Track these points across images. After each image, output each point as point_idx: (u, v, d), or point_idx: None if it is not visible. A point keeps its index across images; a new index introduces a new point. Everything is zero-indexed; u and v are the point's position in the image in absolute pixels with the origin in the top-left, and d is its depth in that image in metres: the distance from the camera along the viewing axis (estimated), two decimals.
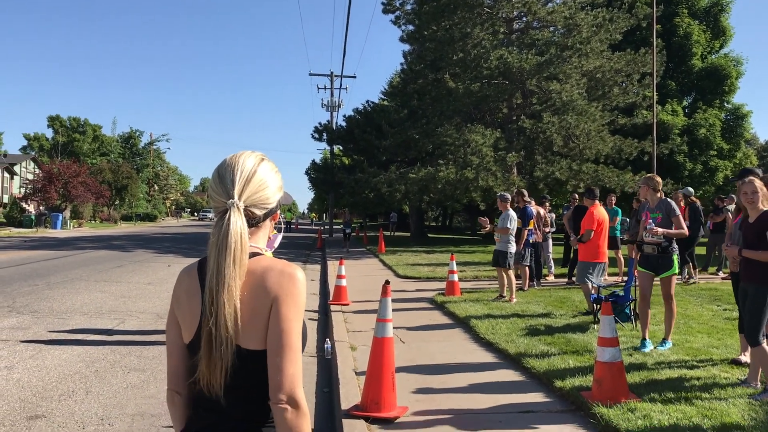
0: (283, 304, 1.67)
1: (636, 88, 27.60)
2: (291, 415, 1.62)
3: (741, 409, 4.90)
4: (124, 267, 17.57)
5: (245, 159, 1.82)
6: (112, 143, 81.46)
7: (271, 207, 1.84)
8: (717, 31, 36.62)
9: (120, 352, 7.56)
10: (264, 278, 1.70)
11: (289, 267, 1.73)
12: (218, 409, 1.72)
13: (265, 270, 1.71)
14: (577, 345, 7.40)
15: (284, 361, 1.63)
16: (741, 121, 36.73)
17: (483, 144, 23.93)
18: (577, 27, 24.67)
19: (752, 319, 5.25)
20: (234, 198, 1.75)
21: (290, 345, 1.65)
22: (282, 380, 1.62)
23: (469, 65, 25.03)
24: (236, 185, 1.77)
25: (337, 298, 11.37)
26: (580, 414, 5.14)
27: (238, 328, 1.65)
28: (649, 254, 7.23)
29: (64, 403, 5.60)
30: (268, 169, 1.85)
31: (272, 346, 1.65)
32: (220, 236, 1.69)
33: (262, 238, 1.87)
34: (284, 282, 1.69)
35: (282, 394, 1.61)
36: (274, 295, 1.67)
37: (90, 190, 49.50)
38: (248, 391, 1.70)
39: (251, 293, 1.68)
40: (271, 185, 1.84)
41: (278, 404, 1.62)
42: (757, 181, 5.38)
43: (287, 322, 1.66)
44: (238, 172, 1.78)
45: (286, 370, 1.63)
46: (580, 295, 11.32)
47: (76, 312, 10.24)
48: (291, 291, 1.69)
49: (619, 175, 25.51)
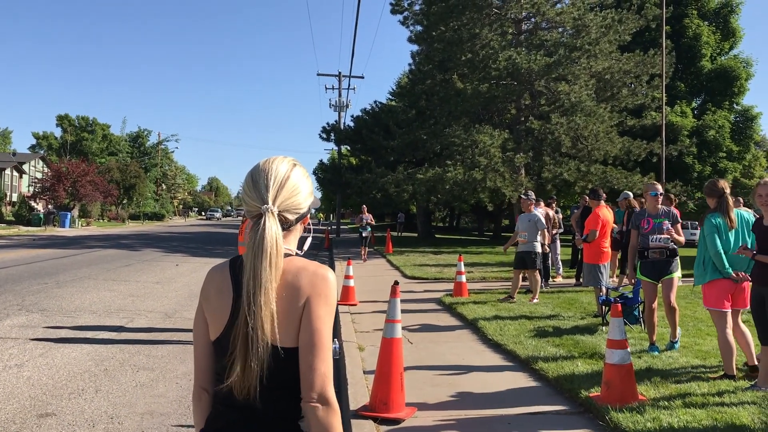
0: (315, 304, 1.71)
1: (645, 90, 27.54)
2: (323, 413, 1.64)
3: (751, 413, 4.88)
4: (132, 266, 17.63)
5: (278, 165, 1.86)
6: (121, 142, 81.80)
7: (302, 212, 1.89)
8: (727, 32, 36.49)
9: (129, 351, 7.59)
10: (297, 279, 1.73)
11: (321, 268, 1.77)
12: (246, 407, 1.73)
13: (298, 270, 1.75)
14: (586, 347, 7.38)
15: (316, 360, 1.66)
16: (751, 123, 36.60)
17: (491, 145, 23.90)
18: (585, 28, 24.62)
19: None
20: (269, 203, 1.79)
21: (322, 344, 1.68)
22: (314, 378, 1.65)
23: (478, 66, 25.01)
24: (270, 191, 1.80)
25: (345, 298, 11.37)
26: (590, 416, 5.13)
27: (275, 329, 1.69)
28: (656, 260, 7.15)
29: (74, 401, 5.62)
30: (300, 175, 1.88)
31: (304, 344, 1.68)
32: (257, 240, 1.73)
33: (293, 241, 1.90)
34: (317, 282, 1.73)
35: (314, 393, 1.64)
36: (307, 295, 1.71)
37: (98, 189, 49.72)
38: (280, 389, 1.73)
39: (284, 293, 1.72)
40: (303, 191, 1.88)
41: (310, 402, 1.64)
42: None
43: (319, 321, 1.70)
44: (272, 178, 1.82)
45: (318, 369, 1.66)
46: (588, 297, 11.30)
47: (85, 311, 10.28)
48: (323, 291, 1.72)
49: (628, 177, 25.44)
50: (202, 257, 21.63)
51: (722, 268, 5.84)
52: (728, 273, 5.81)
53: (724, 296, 5.91)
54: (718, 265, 5.84)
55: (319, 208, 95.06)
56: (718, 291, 5.94)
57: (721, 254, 5.85)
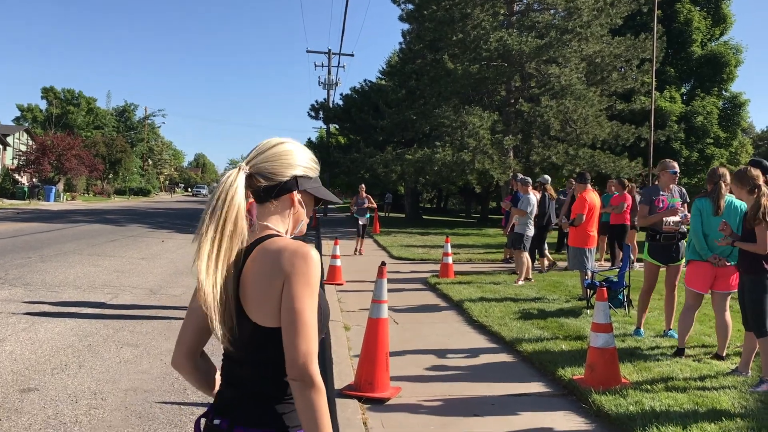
0: (295, 283, 1.69)
1: (635, 74, 27.49)
2: (305, 391, 1.65)
3: (731, 397, 4.93)
4: (118, 241, 17.53)
5: (272, 139, 1.91)
6: (107, 116, 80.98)
7: (277, 179, 1.84)
8: (717, 18, 36.43)
9: (113, 327, 7.55)
10: (278, 258, 1.72)
11: (302, 247, 1.74)
12: (239, 379, 1.79)
13: (279, 250, 1.73)
14: (570, 330, 7.42)
15: (297, 338, 1.66)
16: (738, 110, 36.67)
17: (480, 126, 23.82)
18: (577, 10, 24.49)
19: (755, 309, 5.26)
20: (243, 161, 1.85)
21: (302, 322, 1.67)
22: (296, 356, 1.65)
23: (469, 46, 24.85)
24: (251, 154, 1.86)
25: (332, 277, 11.37)
26: (573, 399, 5.16)
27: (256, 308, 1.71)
28: (667, 244, 7.06)
29: (57, 376, 5.59)
30: (288, 148, 1.89)
31: (285, 323, 1.68)
32: (218, 187, 1.79)
33: (279, 221, 1.87)
34: (296, 261, 1.71)
35: (296, 371, 1.65)
36: (286, 274, 1.70)
37: (84, 163, 49.28)
38: (266, 367, 1.75)
39: (266, 272, 1.72)
40: (284, 160, 1.86)
41: (293, 380, 1.66)
42: (755, 171, 5.37)
43: (298, 300, 1.68)
44: (261, 145, 1.88)
45: (299, 347, 1.65)
46: (573, 280, 11.36)
47: (69, 285, 10.22)
48: (302, 270, 1.70)
49: (616, 161, 25.47)
50: (188, 234, 21.51)
51: (701, 250, 6.04)
52: (706, 255, 6.01)
53: (702, 278, 6.07)
54: (697, 247, 6.06)
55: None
56: (696, 272, 6.16)
57: (700, 236, 6.05)
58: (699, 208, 6.12)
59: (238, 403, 1.78)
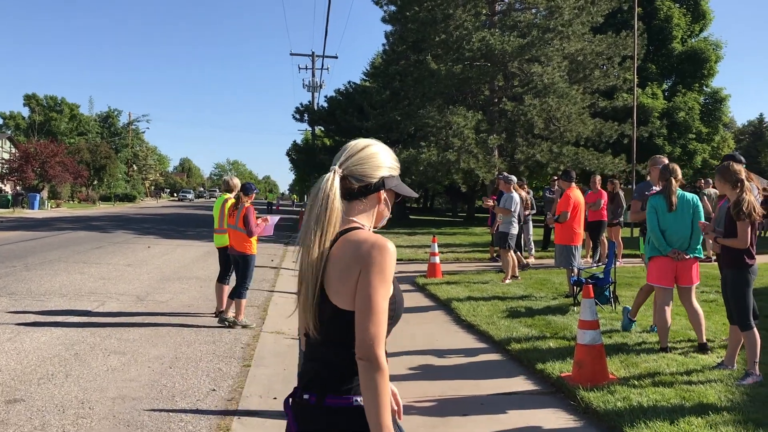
0: (370, 271, 1.87)
1: (616, 71, 27.66)
2: (369, 371, 1.82)
3: (718, 391, 4.98)
4: (104, 248, 17.41)
5: (360, 142, 2.10)
6: (90, 123, 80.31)
7: (368, 180, 2.03)
8: (697, 14, 36.76)
9: (100, 335, 7.50)
10: (358, 248, 1.91)
11: (380, 239, 1.92)
12: (323, 358, 1.97)
13: (360, 241, 1.92)
14: (557, 327, 7.46)
15: (368, 322, 1.84)
16: (719, 105, 37.03)
17: (465, 126, 23.89)
18: (558, 9, 24.63)
19: (737, 303, 5.32)
20: (335, 165, 2.02)
21: (373, 308, 1.84)
22: (365, 338, 1.83)
23: (452, 47, 24.93)
24: (342, 157, 2.04)
25: None
26: (561, 396, 5.20)
27: (318, 274, 1.92)
28: None
29: (43, 386, 5.55)
30: (375, 150, 2.08)
31: (358, 308, 1.86)
32: (317, 191, 1.97)
33: (365, 217, 2.07)
34: (373, 252, 1.88)
35: (363, 351, 1.82)
36: (363, 263, 1.88)
37: (68, 170, 48.89)
38: (343, 345, 1.92)
39: (346, 260, 1.91)
40: (373, 162, 2.05)
41: (360, 359, 1.83)
42: (736, 166, 5.43)
43: (372, 288, 1.85)
44: (349, 148, 2.07)
45: (369, 330, 1.83)
46: (560, 278, 11.42)
47: (54, 294, 10.14)
48: (378, 260, 1.88)
49: (599, 158, 25.62)
50: (174, 239, 21.42)
51: (660, 246, 6.19)
52: (666, 250, 6.16)
53: (664, 273, 6.19)
54: (656, 244, 6.23)
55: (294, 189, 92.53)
56: (658, 267, 6.28)
57: (657, 233, 6.21)
58: (654, 205, 6.29)
59: (323, 377, 1.95)
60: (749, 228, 5.17)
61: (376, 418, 1.82)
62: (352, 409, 1.91)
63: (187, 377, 5.97)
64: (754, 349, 5.26)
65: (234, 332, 7.94)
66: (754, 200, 5.21)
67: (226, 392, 5.59)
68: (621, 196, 14.71)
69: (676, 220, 6.15)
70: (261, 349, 7.14)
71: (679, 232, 6.15)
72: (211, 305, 9.40)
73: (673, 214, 6.14)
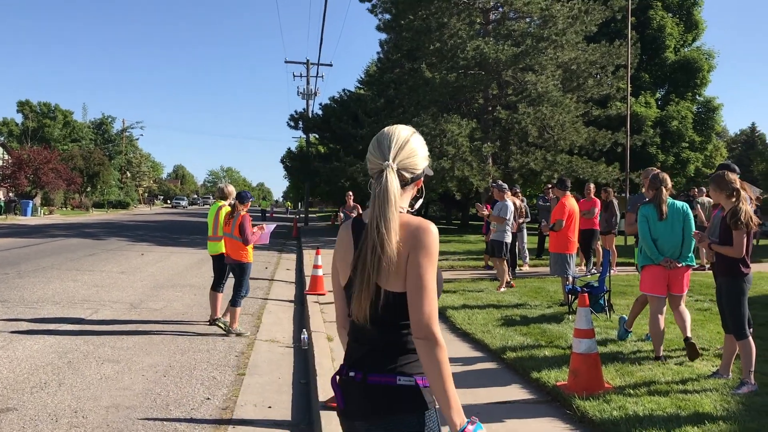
0: (419, 253, 1.98)
1: (610, 80, 27.76)
2: (429, 347, 1.92)
3: (714, 400, 4.98)
4: (97, 255, 17.34)
5: (401, 130, 2.16)
6: (84, 129, 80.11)
7: (418, 173, 2.16)
8: (690, 24, 36.95)
9: (93, 343, 7.46)
10: (405, 230, 2.01)
11: (425, 222, 2.04)
12: (369, 339, 2.08)
13: (404, 224, 2.02)
14: (553, 336, 7.46)
15: (422, 301, 1.94)
16: (712, 114, 37.19)
17: (459, 134, 23.91)
18: (553, 18, 24.70)
19: (733, 311, 5.33)
20: (389, 160, 2.08)
21: (426, 287, 1.95)
22: (420, 317, 1.93)
23: (446, 55, 24.98)
24: (392, 150, 2.10)
25: (314, 287, 11.34)
26: (557, 405, 5.18)
27: (378, 265, 1.97)
28: None
29: (36, 395, 5.51)
30: (418, 141, 2.17)
31: (411, 288, 1.96)
32: (380, 191, 2.03)
33: (406, 200, 2.18)
34: (419, 234, 2.00)
35: (420, 330, 1.92)
36: (411, 245, 1.98)
37: (61, 177, 48.79)
38: (391, 326, 2.03)
39: None
40: (419, 154, 2.16)
41: (418, 338, 1.93)
42: (731, 175, 5.45)
43: (422, 268, 1.96)
44: (394, 140, 2.12)
45: (424, 309, 1.93)
46: (555, 286, 11.42)
47: (47, 301, 10.09)
48: (425, 242, 2.00)
49: (593, 167, 25.68)
50: (167, 246, 21.36)
51: (652, 255, 6.23)
52: (658, 259, 6.19)
53: (657, 282, 6.23)
54: (648, 252, 6.26)
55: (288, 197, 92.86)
56: (651, 276, 6.31)
57: (649, 242, 6.25)
58: (645, 214, 6.33)
59: (368, 357, 2.07)
60: (745, 237, 5.18)
61: (443, 393, 1.94)
62: (396, 387, 2.02)
63: (181, 386, 5.94)
64: (750, 358, 5.27)
65: (228, 340, 7.91)
66: (750, 210, 5.23)
67: (220, 401, 5.57)
68: (615, 204, 14.73)
69: (667, 228, 6.19)
70: (255, 357, 7.12)
71: (670, 241, 6.19)
72: (205, 313, 9.37)
73: (663, 223, 6.19)
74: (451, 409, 1.95)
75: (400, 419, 2.01)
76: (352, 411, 2.09)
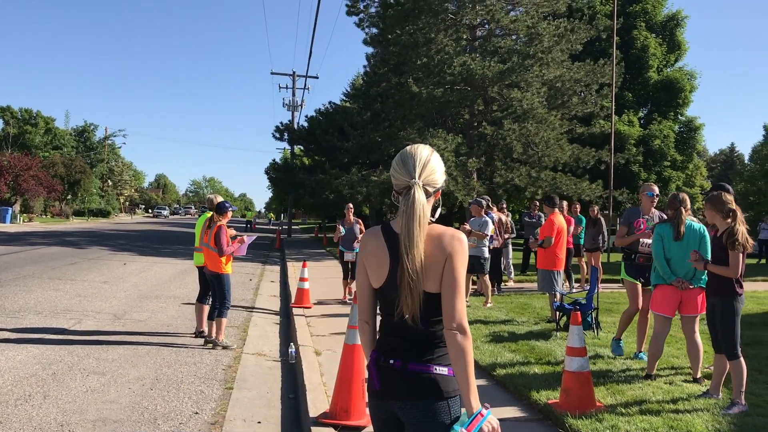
0: (456, 259, 2.29)
1: (594, 98, 28.03)
2: (460, 339, 2.23)
3: (705, 420, 4.99)
4: (79, 264, 17.14)
5: (422, 150, 2.45)
6: (66, 136, 79.38)
7: (438, 186, 2.45)
8: (672, 44, 37.49)
9: (78, 354, 7.35)
10: (440, 240, 2.32)
11: (456, 232, 2.35)
12: (408, 333, 2.36)
13: (440, 234, 2.33)
14: (542, 353, 7.45)
15: (455, 300, 2.26)
16: (693, 134, 37.67)
17: (445, 149, 23.97)
18: (539, 36, 24.91)
19: (725, 331, 5.35)
20: (416, 178, 2.36)
21: (460, 288, 2.28)
22: (454, 313, 2.25)
23: (433, 70, 25.08)
24: (417, 168, 2.38)
25: (299, 301, 11.27)
26: (549, 423, 5.17)
27: (423, 273, 2.26)
28: (641, 264, 7.22)
29: (20, 407, 5.41)
30: (437, 159, 2.46)
31: (447, 289, 2.28)
32: (408, 206, 2.31)
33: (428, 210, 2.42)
34: (455, 243, 2.31)
35: (454, 323, 2.24)
36: (448, 253, 2.29)
37: (41, 184, 48.29)
38: (431, 322, 2.33)
39: (433, 251, 2.30)
40: (439, 171, 2.45)
41: (451, 330, 2.24)
42: (728, 196, 5.49)
43: (457, 271, 2.29)
44: (418, 159, 2.40)
45: (458, 307, 2.26)
46: (541, 302, 11.45)
47: (29, 311, 9.93)
48: (460, 249, 2.31)
49: (577, 183, 25.86)
50: (150, 256, 21.16)
51: (664, 274, 6.20)
52: (670, 279, 6.17)
53: (667, 302, 6.19)
54: (661, 272, 6.21)
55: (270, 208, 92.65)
56: (662, 296, 6.28)
57: (662, 261, 6.23)
58: (660, 233, 6.30)
59: (406, 348, 2.36)
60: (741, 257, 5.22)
61: (466, 378, 2.23)
62: (431, 375, 2.31)
63: (168, 399, 5.85)
64: (741, 379, 5.29)
65: (215, 353, 7.83)
66: (745, 230, 5.28)
67: (209, 415, 5.49)
68: (602, 221, 14.82)
69: (682, 249, 6.08)
70: (243, 371, 7.04)
71: (684, 262, 6.08)
72: (190, 325, 9.28)
73: (679, 243, 6.11)
74: (471, 393, 2.24)
75: (432, 402, 2.30)
76: (388, 392, 2.39)
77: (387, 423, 2.47)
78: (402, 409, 2.36)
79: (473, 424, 2.22)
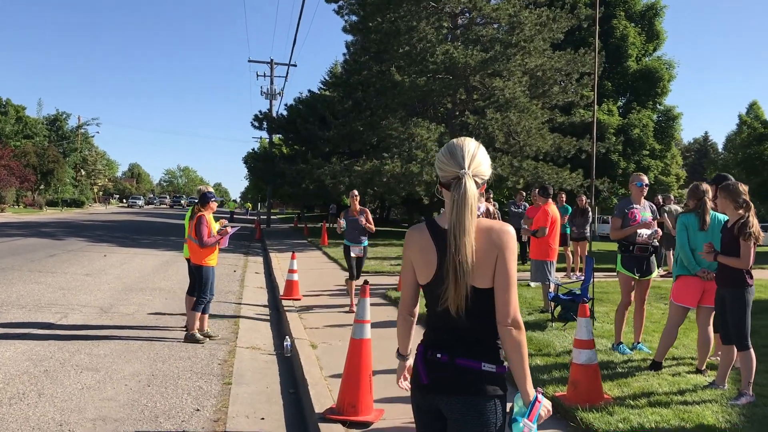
0: (507, 255, 2.28)
1: (574, 87, 28.10)
2: (516, 333, 2.25)
3: (714, 411, 4.97)
4: (58, 256, 16.81)
5: (469, 142, 2.41)
6: (37, 125, 77.88)
7: (485, 179, 2.40)
8: (651, 34, 37.76)
9: (68, 350, 7.16)
10: (489, 234, 2.29)
11: (506, 226, 2.33)
12: (456, 328, 2.34)
13: (489, 228, 2.31)
14: (540, 344, 7.41)
15: (510, 295, 2.26)
16: (672, 123, 38.02)
17: (428, 138, 23.92)
18: (520, 25, 24.87)
19: (737, 323, 5.32)
20: (465, 169, 2.32)
21: (513, 283, 2.28)
22: (509, 309, 2.25)
23: (415, 59, 24.94)
24: (466, 160, 2.34)
25: (289, 293, 11.14)
26: (557, 416, 5.11)
27: (473, 265, 2.23)
28: (639, 255, 7.12)
29: (15, 407, 5.23)
30: (483, 151, 2.43)
31: (501, 284, 2.27)
32: (460, 196, 2.27)
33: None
34: (504, 237, 2.30)
35: (509, 319, 2.24)
36: (499, 247, 2.27)
37: (14, 174, 47.50)
38: (478, 317, 2.30)
39: (483, 246, 2.27)
40: (485, 163, 2.42)
41: (506, 326, 2.24)
42: (743, 186, 5.46)
43: (511, 267, 2.28)
44: (466, 151, 2.37)
45: (512, 302, 2.26)
46: (531, 292, 11.44)
47: (12, 305, 9.69)
48: (509, 243, 2.29)
49: (558, 173, 25.95)
50: (130, 247, 20.84)
51: (689, 264, 6.11)
52: (694, 269, 6.07)
53: (689, 292, 6.10)
54: (685, 262, 6.11)
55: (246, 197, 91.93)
56: (684, 286, 6.19)
57: (687, 251, 6.12)
58: (685, 223, 6.17)
59: (456, 343, 2.34)
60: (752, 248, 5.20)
61: (523, 369, 2.27)
62: (480, 371, 2.30)
63: (167, 396, 5.71)
64: (750, 370, 5.28)
65: (209, 347, 7.68)
66: (757, 223, 5.26)
67: (210, 412, 5.37)
68: (590, 211, 14.83)
69: (707, 239, 5.96)
70: (239, 365, 6.90)
71: None
72: (179, 318, 9.12)
73: (704, 234, 6.02)
74: (527, 383, 2.28)
75: (479, 401, 2.29)
76: (435, 386, 2.37)
77: (431, 417, 2.44)
78: (448, 404, 2.33)
79: (533, 413, 2.26)
